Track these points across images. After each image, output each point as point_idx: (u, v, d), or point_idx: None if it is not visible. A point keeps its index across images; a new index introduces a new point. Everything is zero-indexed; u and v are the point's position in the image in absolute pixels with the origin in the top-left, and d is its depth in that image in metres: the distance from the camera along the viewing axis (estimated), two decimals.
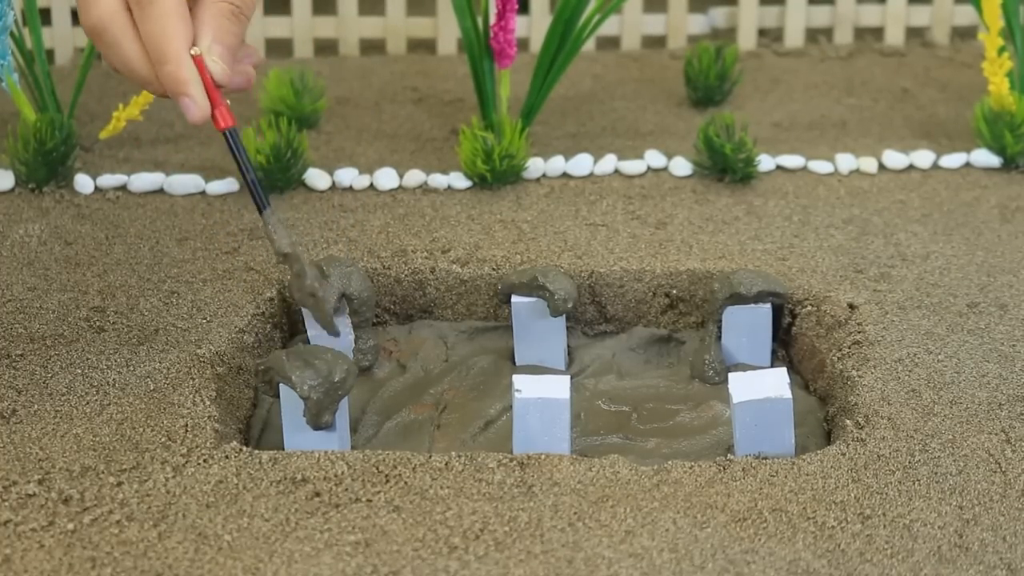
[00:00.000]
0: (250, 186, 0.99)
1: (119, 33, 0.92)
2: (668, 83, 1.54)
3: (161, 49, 0.92)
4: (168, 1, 0.91)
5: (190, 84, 0.93)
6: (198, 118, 0.93)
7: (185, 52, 0.92)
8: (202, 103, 0.93)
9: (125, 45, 0.93)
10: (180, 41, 0.92)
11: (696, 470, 0.95)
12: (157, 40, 0.92)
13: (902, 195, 1.30)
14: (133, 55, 0.93)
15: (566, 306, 1.09)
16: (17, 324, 1.10)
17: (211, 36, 0.93)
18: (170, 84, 0.93)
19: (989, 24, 1.34)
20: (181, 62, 0.92)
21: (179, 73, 0.92)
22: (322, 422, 0.98)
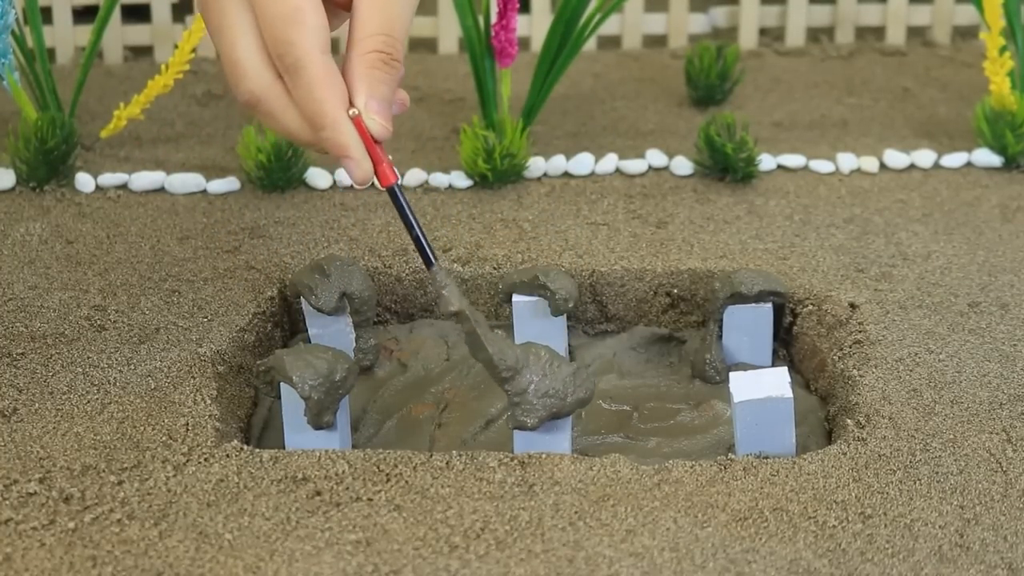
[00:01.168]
0: (416, 242, 0.96)
1: (274, 105, 0.91)
2: (669, 82, 1.54)
3: (316, 116, 0.90)
4: (316, 66, 0.89)
5: (350, 148, 0.91)
6: (360, 179, 0.92)
7: (341, 115, 0.90)
8: (364, 164, 0.92)
9: (281, 115, 0.91)
10: (334, 106, 0.90)
11: (697, 469, 0.95)
12: (311, 107, 0.90)
13: (903, 194, 1.30)
14: (291, 124, 0.92)
15: (567, 305, 1.09)
16: (18, 323, 1.10)
17: (365, 92, 0.91)
18: (330, 148, 0.91)
19: (990, 23, 1.34)
20: (338, 127, 0.91)
21: (337, 138, 0.91)
22: (323, 422, 0.98)
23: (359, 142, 0.92)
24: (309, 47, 0.89)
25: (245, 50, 0.91)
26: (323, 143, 0.92)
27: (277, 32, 0.89)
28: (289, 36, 0.89)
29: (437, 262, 0.96)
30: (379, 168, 0.93)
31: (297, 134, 0.93)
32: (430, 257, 0.96)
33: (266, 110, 0.92)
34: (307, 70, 0.89)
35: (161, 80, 1.33)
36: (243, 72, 0.91)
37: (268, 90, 0.91)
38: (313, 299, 1.08)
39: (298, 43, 0.89)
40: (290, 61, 0.89)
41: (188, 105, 1.49)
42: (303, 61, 0.89)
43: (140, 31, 1.60)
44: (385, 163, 0.93)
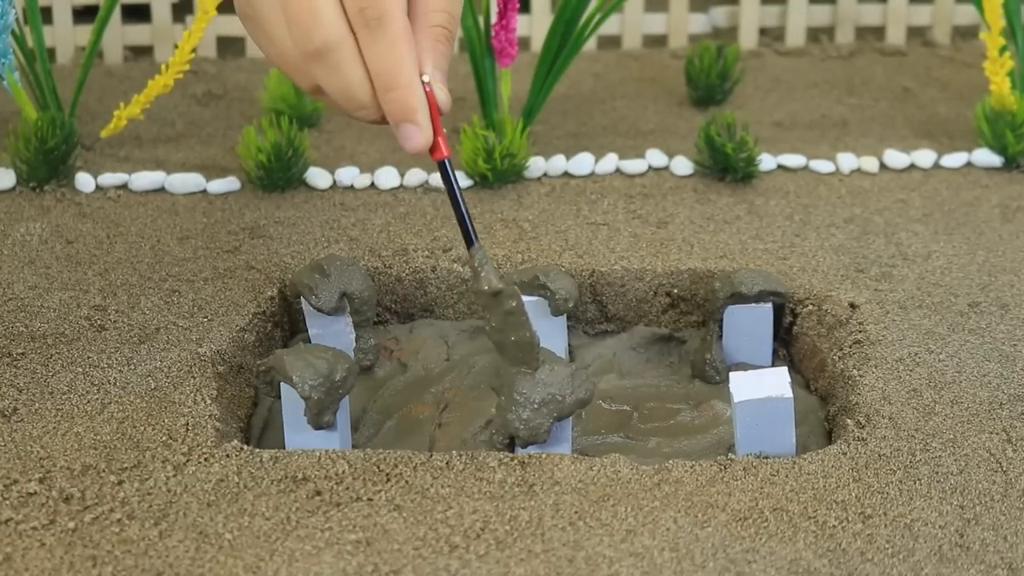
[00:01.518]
0: (459, 220, 0.95)
1: (345, 57, 0.88)
2: (669, 82, 1.54)
3: (391, 75, 0.88)
4: (399, 25, 0.88)
5: (418, 111, 0.89)
6: (421, 145, 0.90)
7: (416, 78, 0.89)
8: (427, 131, 0.90)
9: (348, 69, 0.89)
10: (411, 67, 0.89)
11: (697, 469, 0.95)
12: (388, 65, 0.88)
13: (903, 194, 1.30)
14: (356, 80, 0.89)
15: (567, 305, 1.09)
16: (18, 323, 1.10)
17: (432, 63, 0.90)
18: (396, 110, 0.89)
19: (990, 23, 1.34)
20: (412, 89, 0.89)
21: (409, 100, 0.89)
22: (323, 422, 0.98)
23: (427, 108, 0.90)
24: (394, 3, 0.87)
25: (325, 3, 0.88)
26: (389, 104, 0.89)
27: None
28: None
29: (477, 242, 0.95)
30: (437, 139, 0.92)
31: (358, 93, 0.90)
32: (472, 236, 0.95)
33: (333, 62, 0.89)
34: (391, 25, 0.87)
35: (161, 80, 1.33)
36: (319, 20, 0.88)
37: (342, 41, 0.88)
38: (313, 299, 1.08)
39: None
40: (374, 15, 0.87)
41: (188, 105, 1.49)
42: (388, 16, 0.87)
43: (140, 31, 1.60)
44: (443, 135, 0.92)
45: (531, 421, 0.95)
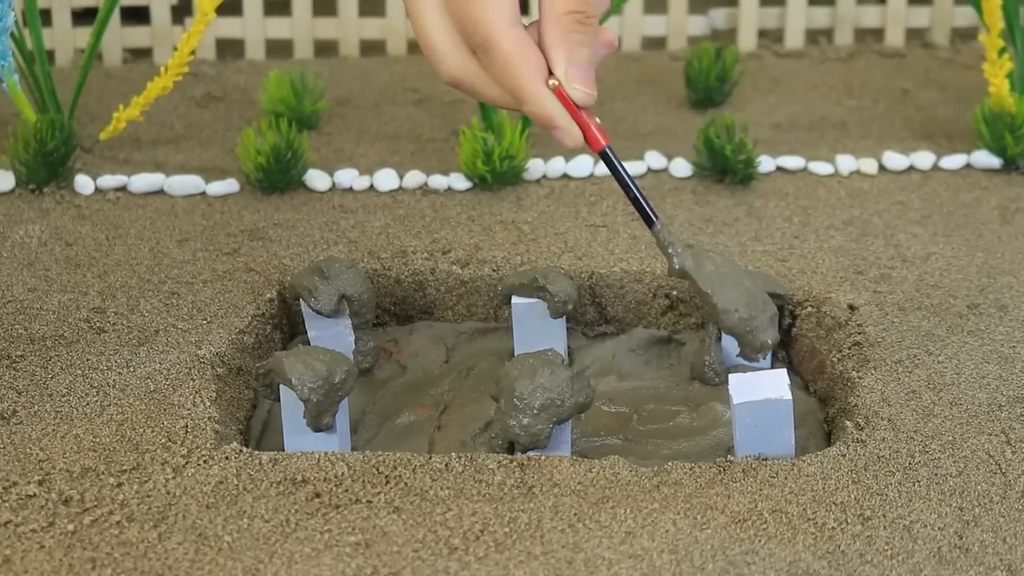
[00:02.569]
0: (635, 202, 0.94)
1: (476, 82, 0.90)
2: (668, 84, 1.54)
3: (515, 91, 0.89)
4: (506, 42, 0.87)
5: (555, 118, 0.89)
6: (571, 145, 0.91)
7: (540, 88, 0.89)
8: (573, 132, 0.91)
9: (484, 92, 0.90)
10: (531, 80, 0.89)
11: (696, 471, 0.95)
12: (509, 83, 0.89)
13: (902, 196, 1.31)
14: (497, 98, 0.90)
15: (566, 308, 1.09)
16: (17, 325, 1.10)
17: (564, 59, 0.89)
18: (536, 120, 0.90)
19: (989, 25, 1.34)
20: (539, 100, 0.89)
21: (539, 111, 0.89)
22: (322, 424, 0.98)
23: (563, 111, 0.90)
24: (496, 22, 0.87)
25: (437, 33, 0.89)
26: (528, 115, 0.90)
27: (462, 11, 0.87)
28: (475, 14, 0.87)
29: (659, 220, 0.94)
30: (588, 134, 0.91)
31: (507, 105, 0.90)
32: (651, 216, 0.94)
33: (468, 89, 0.90)
34: (498, 47, 0.87)
35: (160, 82, 1.33)
36: (438, 56, 0.89)
37: (465, 70, 0.89)
38: (312, 301, 1.08)
39: (484, 20, 0.87)
40: (479, 40, 0.88)
41: (187, 107, 1.49)
42: (493, 39, 0.87)
43: (139, 33, 1.60)
44: (593, 127, 0.91)
45: (531, 427, 0.95)
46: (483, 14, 0.87)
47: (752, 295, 0.95)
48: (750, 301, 0.94)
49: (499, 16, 0.87)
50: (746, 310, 0.94)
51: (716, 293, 0.94)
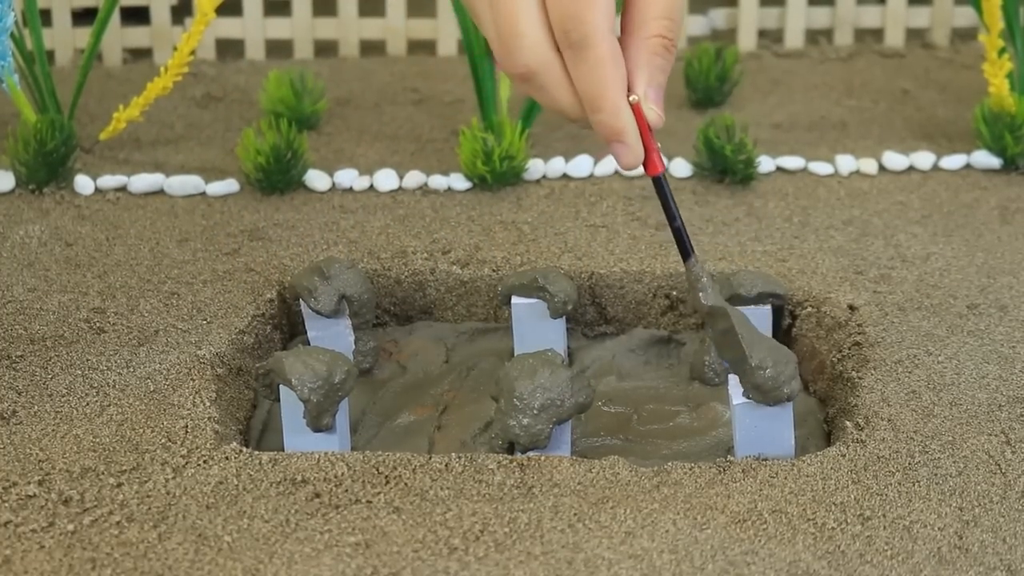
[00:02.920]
0: (675, 233, 0.93)
1: (551, 80, 0.88)
2: (668, 84, 1.54)
3: (596, 98, 0.87)
4: (604, 47, 0.86)
5: (626, 133, 0.88)
6: (631, 164, 0.90)
7: (622, 100, 0.88)
8: (637, 151, 0.89)
9: (556, 91, 0.88)
10: (616, 90, 0.87)
11: (696, 471, 0.95)
12: (592, 88, 0.87)
13: (902, 196, 1.31)
14: (564, 100, 0.88)
15: (566, 308, 1.09)
16: (17, 325, 1.10)
17: (646, 80, 0.89)
18: (604, 132, 0.88)
19: (989, 25, 1.34)
20: (618, 112, 0.88)
21: (615, 123, 0.88)
22: (322, 424, 0.98)
23: (635, 129, 0.89)
24: (598, 25, 0.85)
25: (528, 22, 0.86)
26: (597, 126, 0.88)
27: (566, 7, 0.85)
28: (579, 12, 0.85)
29: (695, 255, 0.94)
30: (651, 156, 0.90)
31: (569, 111, 0.89)
32: (688, 249, 0.94)
33: (540, 84, 0.88)
34: (594, 49, 0.86)
35: (160, 82, 1.33)
36: (522, 44, 0.87)
37: (547, 64, 0.87)
38: (312, 301, 1.08)
39: (588, 20, 0.85)
40: (576, 37, 0.86)
41: (187, 107, 1.49)
42: (591, 39, 0.86)
43: (139, 33, 1.60)
44: (656, 152, 0.90)
45: (531, 427, 0.95)
46: (589, 14, 0.85)
47: (776, 349, 0.95)
48: (776, 357, 0.95)
49: (603, 21, 0.86)
50: (774, 369, 0.95)
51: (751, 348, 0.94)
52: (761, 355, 0.95)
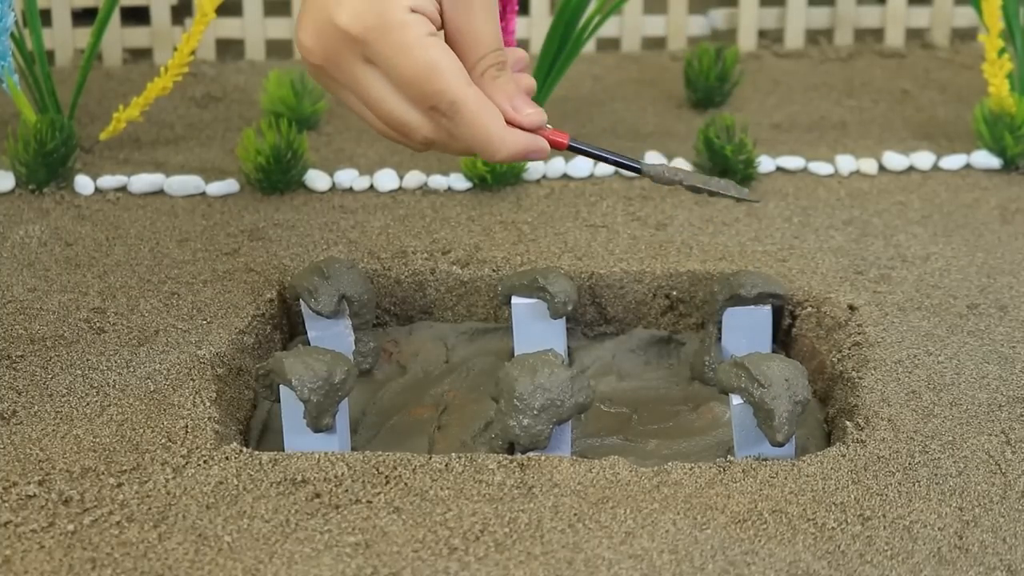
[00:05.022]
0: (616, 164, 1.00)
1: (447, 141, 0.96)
2: (668, 84, 1.54)
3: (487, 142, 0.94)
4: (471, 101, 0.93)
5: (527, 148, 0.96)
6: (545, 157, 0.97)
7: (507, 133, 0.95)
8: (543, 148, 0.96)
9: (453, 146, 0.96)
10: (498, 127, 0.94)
11: (696, 471, 0.95)
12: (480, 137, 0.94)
13: (902, 196, 1.31)
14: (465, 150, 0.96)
15: (566, 308, 1.09)
16: (17, 325, 1.10)
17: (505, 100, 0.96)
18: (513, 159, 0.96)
19: (989, 26, 1.34)
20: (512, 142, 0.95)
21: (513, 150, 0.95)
22: (322, 424, 0.98)
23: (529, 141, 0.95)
24: (457, 87, 0.93)
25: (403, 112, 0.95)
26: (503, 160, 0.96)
27: (422, 88, 0.93)
28: (435, 87, 0.93)
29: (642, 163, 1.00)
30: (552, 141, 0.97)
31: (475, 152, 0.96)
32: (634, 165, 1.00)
33: (440, 148, 0.97)
34: (465, 106, 0.93)
35: (160, 82, 1.33)
36: (410, 130, 0.95)
37: (435, 133, 0.95)
38: (312, 302, 1.08)
39: (447, 89, 0.93)
40: (445, 106, 0.93)
41: (187, 107, 1.49)
42: (458, 103, 0.93)
43: (139, 33, 1.60)
44: (552, 136, 0.97)
45: (531, 428, 0.96)
46: (444, 85, 0.93)
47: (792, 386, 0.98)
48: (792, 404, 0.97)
49: (459, 81, 0.93)
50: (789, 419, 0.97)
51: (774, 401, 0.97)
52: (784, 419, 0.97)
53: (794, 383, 0.97)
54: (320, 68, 0.95)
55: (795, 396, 0.97)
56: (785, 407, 0.96)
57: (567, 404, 0.96)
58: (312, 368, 0.97)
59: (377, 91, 0.95)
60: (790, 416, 0.96)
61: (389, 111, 0.95)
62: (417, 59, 0.92)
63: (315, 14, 0.94)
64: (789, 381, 0.97)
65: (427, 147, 0.97)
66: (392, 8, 0.93)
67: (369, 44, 0.93)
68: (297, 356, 0.98)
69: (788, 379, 0.97)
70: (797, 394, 0.97)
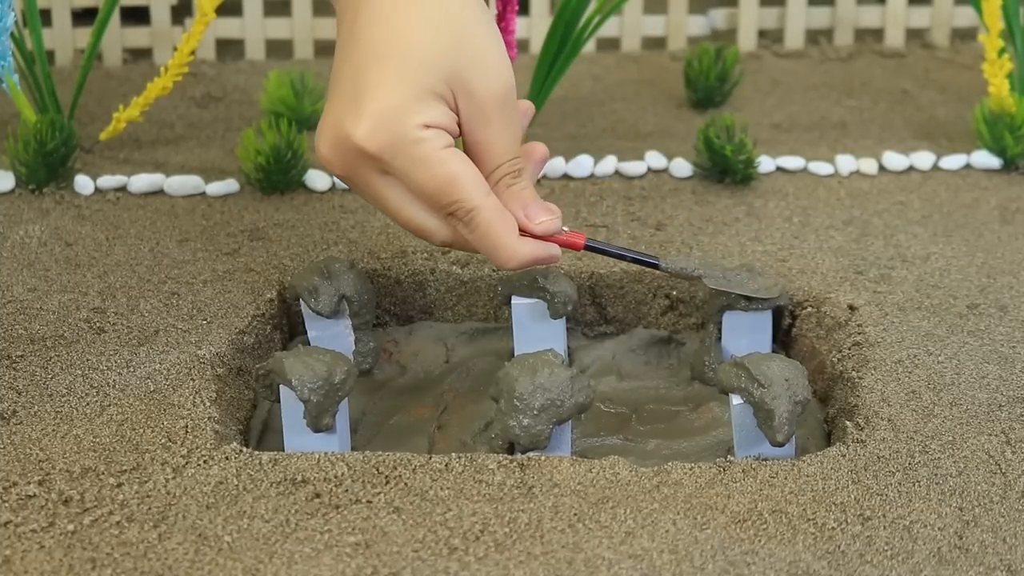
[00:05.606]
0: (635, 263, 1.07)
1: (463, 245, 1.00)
2: (668, 84, 1.54)
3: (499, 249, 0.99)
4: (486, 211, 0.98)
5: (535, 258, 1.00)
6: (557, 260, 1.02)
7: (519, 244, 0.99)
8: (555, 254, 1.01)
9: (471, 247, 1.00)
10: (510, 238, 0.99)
11: (696, 471, 0.95)
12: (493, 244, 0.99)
13: (902, 196, 1.31)
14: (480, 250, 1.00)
15: (566, 308, 1.09)
16: (17, 325, 1.10)
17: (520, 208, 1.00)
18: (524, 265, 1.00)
19: (989, 25, 1.34)
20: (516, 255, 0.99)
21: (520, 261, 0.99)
22: (322, 424, 0.98)
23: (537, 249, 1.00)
24: (476, 197, 0.97)
25: (421, 219, 0.99)
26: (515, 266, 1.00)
27: (442, 198, 0.97)
28: (455, 197, 0.97)
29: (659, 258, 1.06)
30: (568, 245, 1.02)
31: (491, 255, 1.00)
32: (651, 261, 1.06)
33: (459, 248, 1.01)
34: (480, 215, 0.98)
35: (160, 82, 1.33)
36: (430, 234, 1.00)
37: (454, 237, 1.00)
38: (312, 302, 1.08)
39: (465, 199, 0.97)
40: (463, 214, 0.98)
41: (187, 107, 1.49)
42: (475, 213, 0.98)
43: (139, 33, 1.60)
44: (567, 238, 1.02)
45: (531, 428, 0.96)
46: (464, 196, 0.97)
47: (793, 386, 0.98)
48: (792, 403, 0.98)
49: (477, 191, 0.97)
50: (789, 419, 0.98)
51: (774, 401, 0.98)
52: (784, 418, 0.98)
53: (794, 383, 0.97)
54: (341, 177, 0.99)
55: (795, 396, 0.97)
56: (785, 407, 0.96)
57: (567, 404, 0.96)
58: (312, 368, 0.97)
59: (396, 201, 0.99)
60: (790, 416, 0.96)
61: (408, 218, 0.99)
62: (435, 173, 0.96)
63: (333, 130, 0.98)
64: (789, 381, 0.97)
65: (447, 247, 1.01)
66: (406, 127, 0.96)
67: (386, 161, 0.97)
68: (297, 356, 0.98)
69: (788, 379, 0.97)
70: (797, 394, 0.97)
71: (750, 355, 0.99)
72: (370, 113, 0.96)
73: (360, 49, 0.98)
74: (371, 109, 0.96)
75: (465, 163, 0.98)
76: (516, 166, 1.01)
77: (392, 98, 0.96)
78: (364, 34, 0.98)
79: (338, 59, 1.00)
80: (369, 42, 0.98)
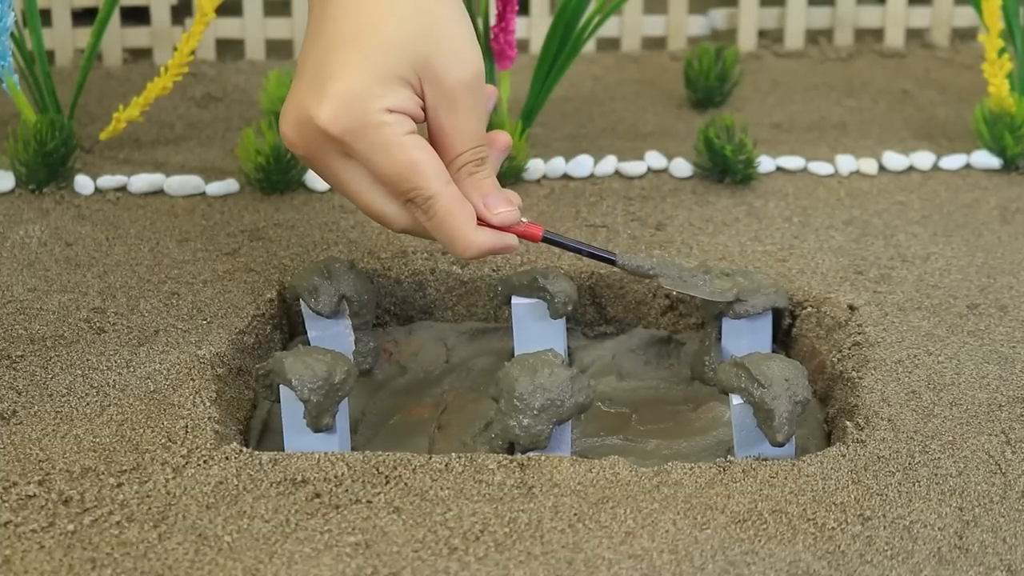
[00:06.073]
0: (591, 257, 1.06)
1: (421, 231, 1.01)
2: (668, 84, 1.54)
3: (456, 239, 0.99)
4: (444, 199, 0.98)
5: (492, 247, 1.00)
6: (514, 251, 1.02)
7: (476, 233, 0.99)
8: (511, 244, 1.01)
9: (430, 235, 1.00)
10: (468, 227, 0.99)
11: (696, 471, 0.95)
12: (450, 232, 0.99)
13: (902, 196, 1.31)
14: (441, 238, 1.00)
15: (566, 308, 1.09)
16: (17, 325, 1.10)
17: (478, 198, 1.01)
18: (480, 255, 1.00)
19: (989, 25, 1.34)
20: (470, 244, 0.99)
21: (477, 250, 0.99)
22: (322, 424, 0.98)
23: (494, 239, 1.00)
24: (435, 184, 0.98)
25: (380, 204, 1.00)
26: (469, 256, 1.00)
27: (402, 184, 0.98)
28: (414, 183, 0.98)
29: (616, 254, 1.06)
30: (525, 236, 1.02)
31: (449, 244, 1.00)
32: (608, 256, 1.06)
33: (418, 234, 1.02)
34: (438, 203, 0.98)
35: (160, 82, 1.33)
36: (389, 221, 1.01)
37: (412, 224, 1.01)
38: (312, 302, 1.08)
39: (424, 186, 0.98)
40: (421, 201, 0.98)
41: (187, 107, 1.49)
42: (433, 201, 0.98)
43: (139, 33, 1.60)
44: (524, 229, 1.02)
45: (531, 428, 0.96)
46: (423, 182, 0.97)
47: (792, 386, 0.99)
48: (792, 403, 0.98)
49: (437, 179, 0.98)
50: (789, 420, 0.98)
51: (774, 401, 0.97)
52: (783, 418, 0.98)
53: (794, 383, 0.97)
54: (303, 158, 0.99)
55: (795, 396, 0.97)
56: (785, 407, 0.96)
57: (567, 404, 0.96)
58: (312, 368, 0.97)
59: (356, 184, 0.99)
60: (790, 416, 0.96)
61: (368, 203, 1.00)
62: (396, 158, 0.96)
63: (296, 111, 0.98)
64: (789, 381, 0.97)
65: (406, 233, 1.01)
66: (369, 110, 0.96)
67: (347, 144, 0.97)
68: (297, 356, 0.98)
69: (788, 379, 0.97)
70: (797, 394, 0.97)
71: (750, 355, 0.99)
72: (333, 95, 0.96)
73: (328, 33, 0.98)
74: (335, 91, 0.96)
75: (426, 150, 0.98)
76: (479, 154, 1.01)
77: (356, 81, 0.96)
78: (333, 18, 0.98)
79: (306, 43, 1.00)
80: (337, 26, 0.98)
